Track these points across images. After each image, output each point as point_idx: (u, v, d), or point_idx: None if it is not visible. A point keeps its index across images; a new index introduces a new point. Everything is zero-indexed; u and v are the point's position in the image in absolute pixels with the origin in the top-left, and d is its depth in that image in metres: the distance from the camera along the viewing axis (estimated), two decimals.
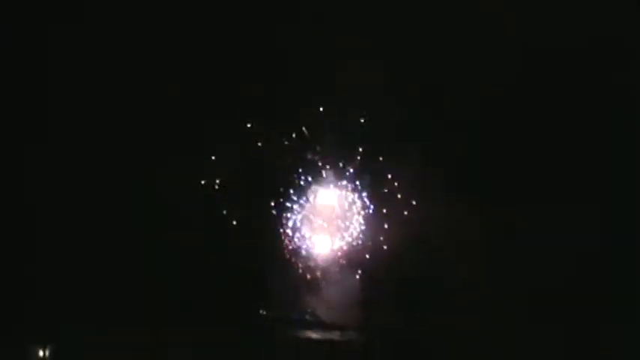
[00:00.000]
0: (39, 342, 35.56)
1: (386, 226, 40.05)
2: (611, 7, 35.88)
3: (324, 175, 41.00)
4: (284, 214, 40.99)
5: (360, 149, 40.20)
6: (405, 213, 39.77)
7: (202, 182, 39.78)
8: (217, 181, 39.98)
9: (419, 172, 39.45)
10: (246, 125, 39.64)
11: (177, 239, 38.47)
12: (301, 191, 40.92)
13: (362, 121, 39.62)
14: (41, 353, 35.52)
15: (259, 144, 40.26)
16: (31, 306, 35.41)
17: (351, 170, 41.09)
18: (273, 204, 40.72)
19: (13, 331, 34.89)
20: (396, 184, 40.04)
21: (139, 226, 37.99)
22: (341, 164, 40.88)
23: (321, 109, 40.04)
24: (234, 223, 39.82)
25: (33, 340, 35.48)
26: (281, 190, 40.81)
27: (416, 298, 38.65)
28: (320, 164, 40.97)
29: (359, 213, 40.99)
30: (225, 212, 39.87)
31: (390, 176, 40.01)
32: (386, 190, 40.35)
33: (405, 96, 38.85)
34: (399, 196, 39.88)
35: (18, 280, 35.40)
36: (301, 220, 41.15)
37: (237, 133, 39.34)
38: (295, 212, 41.09)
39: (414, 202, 39.47)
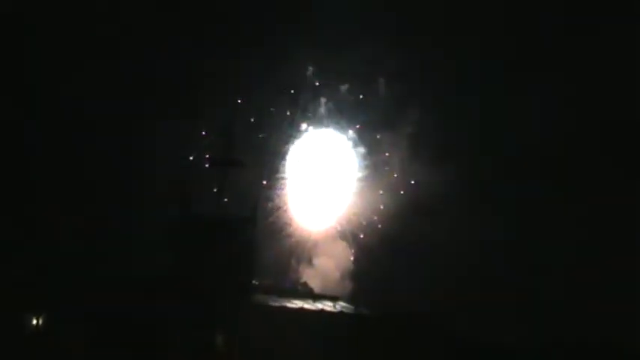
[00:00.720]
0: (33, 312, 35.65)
1: (379, 198, 40.83)
2: None
3: (319, 145, 41.50)
4: (278, 184, 41.35)
5: (356, 122, 40.88)
6: (399, 185, 40.56)
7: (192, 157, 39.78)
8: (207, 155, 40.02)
9: (413, 146, 40.29)
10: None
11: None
12: (295, 161, 41.43)
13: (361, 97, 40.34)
14: (34, 322, 35.69)
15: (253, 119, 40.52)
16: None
17: (346, 142, 41.72)
18: (266, 174, 41.13)
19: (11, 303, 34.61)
20: (390, 156, 40.75)
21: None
22: (336, 135, 41.46)
23: (317, 83, 40.60)
24: (228, 194, 39.96)
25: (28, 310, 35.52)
26: (275, 160, 41.21)
27: (408, 269, 39.44)
28: (314, 135, 41.50)
29: (352, 185, 41.61)
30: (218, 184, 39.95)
31: (384, 149, 40.75)
32: (380, 162, 41.11)
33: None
34: (393, 168, 40.71)
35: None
36: (295, 190, 41.50)
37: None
38: (289, 182, 41.44)
39: (407, 176, 40.26)
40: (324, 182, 42.06)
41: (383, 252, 40.58)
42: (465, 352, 37.41)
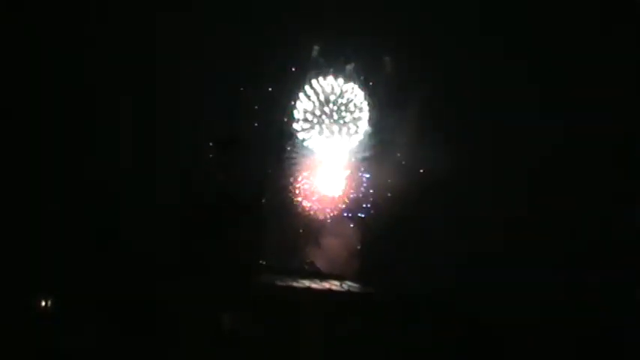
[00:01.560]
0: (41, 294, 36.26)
1: (387, 177, 40.75)
2: None
3: (325, 124, 41.41)
4: (284, 164, 41.34)
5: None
6: (407, 165, 40.39)
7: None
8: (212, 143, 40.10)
9: (419, 124, 40.03)
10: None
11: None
12: (301, 139, 41.47)
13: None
14: (43, 303, 36.35)
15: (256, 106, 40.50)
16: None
17: (352, 120, 41.62)
18: (274, 155, 41.15)
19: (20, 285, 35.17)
20: (396, 135, 40.56)
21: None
22: (342, 116, 41.28)
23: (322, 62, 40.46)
24: (235, 173, 40.01)
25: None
26: (281, 140, 41.20)
27: (415, 249, 39.41)
28: (321, 114, 41.35)
29: (359, 164, 41.53)
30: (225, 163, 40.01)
31: (392, 129, 40.55)
32: (386, 141, 40.93)
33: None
34: (399, 147, 40.53)
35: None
36: (301, 170, 41.54)
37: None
38: (295, 161, 41.45)
39: (414, 155, 40.04)
40: (331, 162, 41.96)
41: (390, 231, 40.57)
42: (473, 331, 37.63)
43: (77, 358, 33.83)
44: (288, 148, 41.59)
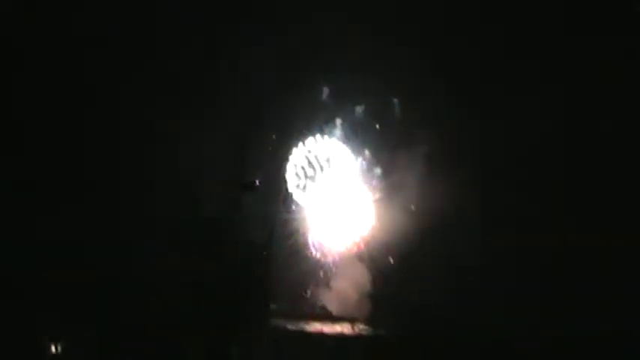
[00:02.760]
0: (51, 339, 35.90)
1: (396, 220, 40.48)
2: None
3: (334, 167, 41.42)
4: (294, 207, 41.32)
5: (372, 143, 40.87)
6: (414, 207, 40.21)
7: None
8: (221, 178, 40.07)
9: (428, 165, 39.99)
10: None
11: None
12: (311, 182, 41.40)
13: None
14: (53, 349, 35.98)
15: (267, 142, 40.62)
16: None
17: (362, 163, 41.64)
18: (282, 197, 41.12)
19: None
20: (405, 177, 40.47)
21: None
22: (351, 158, 41.34)
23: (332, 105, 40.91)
24: (244, 217, 39.92)
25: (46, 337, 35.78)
26: (290, 181, 41.25)
27: (426, 292, 38.93)
28: (330, 157, 41.41)
29: (369, 207, 41.36)
30: (234, 207, 39.96)
31: (399, 169, 40.55)
32: (395, 184, 40.86)
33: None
34: (408, 189, 40.38)
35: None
36: (312, 213, 41.42)
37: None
38: (305, 204, 41.40)
39: (423, 196, 39.86)
40: (341, 204, 41.92)
41: (401, 273, 40.26)
42: None
43: None
44: (294, 198, 41.64)
